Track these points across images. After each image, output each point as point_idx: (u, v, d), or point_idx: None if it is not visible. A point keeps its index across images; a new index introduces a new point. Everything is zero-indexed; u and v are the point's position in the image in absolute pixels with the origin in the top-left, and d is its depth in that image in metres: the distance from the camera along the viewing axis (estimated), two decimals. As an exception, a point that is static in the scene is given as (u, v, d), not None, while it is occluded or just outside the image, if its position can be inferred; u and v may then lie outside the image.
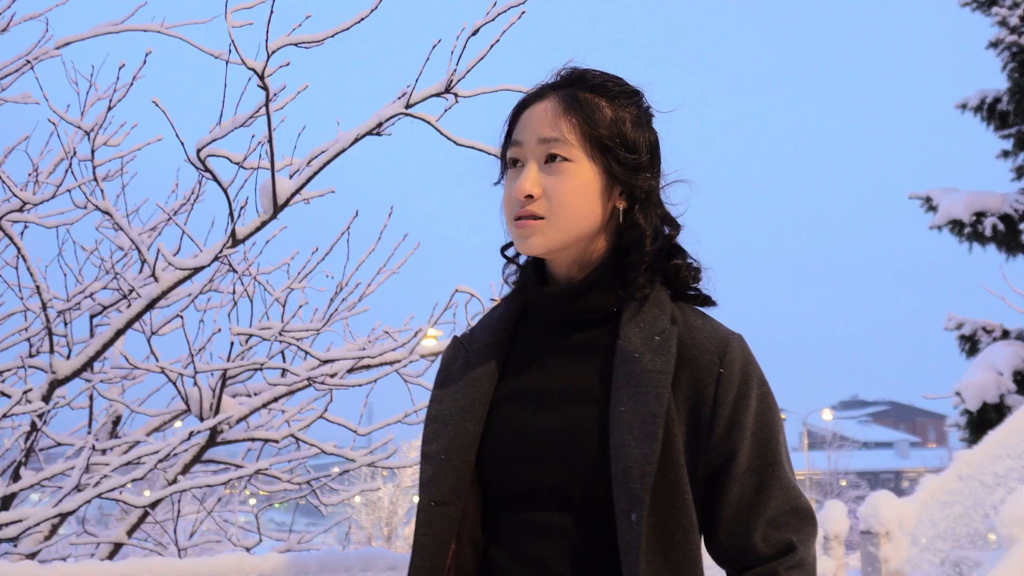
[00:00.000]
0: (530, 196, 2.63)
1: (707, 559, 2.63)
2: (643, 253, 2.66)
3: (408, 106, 5.38)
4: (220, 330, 6.27)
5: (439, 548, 2.62)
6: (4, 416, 5.10)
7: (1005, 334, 20.32)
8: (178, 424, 6.67)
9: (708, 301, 2.78)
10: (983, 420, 17.97)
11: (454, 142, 5.42)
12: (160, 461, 5.38)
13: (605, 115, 2.69)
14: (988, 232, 19.71)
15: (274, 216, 5.44)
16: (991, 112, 20.80)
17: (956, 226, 20.06)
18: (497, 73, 5.73)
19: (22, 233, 6.05)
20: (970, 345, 20.55)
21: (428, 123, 5.40)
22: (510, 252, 2.93)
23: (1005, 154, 21.06)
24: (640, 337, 2.57)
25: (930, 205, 20.64)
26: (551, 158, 2.65)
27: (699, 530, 2.55)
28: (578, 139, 2.65)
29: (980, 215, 19.82)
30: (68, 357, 5.79)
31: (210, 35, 5.48)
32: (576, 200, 2.63)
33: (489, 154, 2.90)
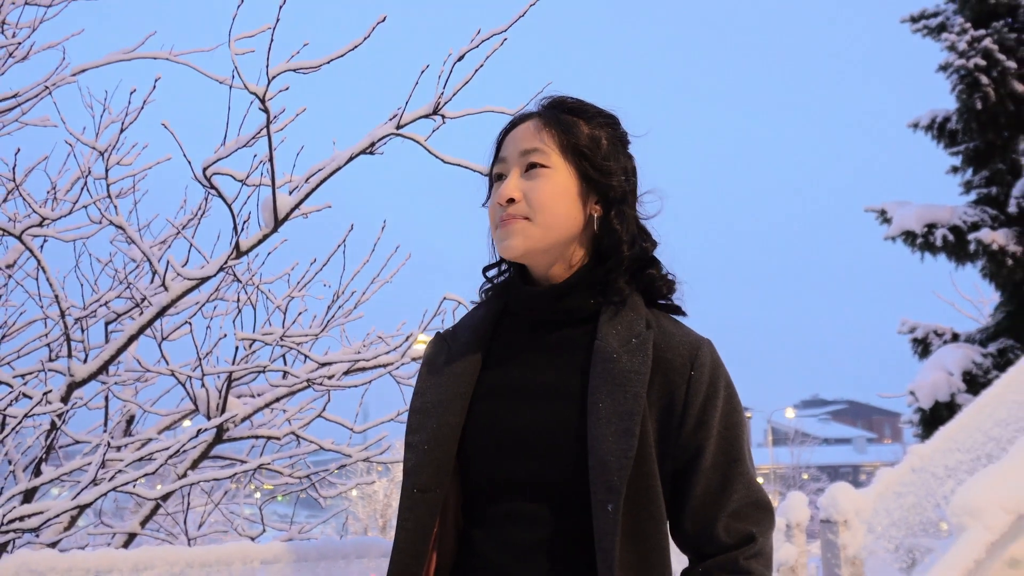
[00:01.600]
0: (511, 200, 2.66)
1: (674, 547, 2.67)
2: (621, 258, 2.68)
3: (399, 127, 5.39)
4: (226, 335, 6.31)
5: (421, 531, 2.64)
6: (26, 416, 5.10)
7: (955, 337, 20.43)
8: (187, 423, 6.68)
9: (679, 310, 2.80)
10: (935, 417, 18.02)
11: (442, 160, 5.43)
12: (171, 457, 5.38)
13: (582, 130, 2.73)
14: (939, 242, 19.76)
15: (275, 230, 5.46)
16: (941, 131, 20.89)
17: (909, 237, 20.11)
18: (481, 95, 5.74)
19: (42, 247, 6.05)
20: (922, 348, 20.63)
21: (417, 143, 5.42)
22: (491, 273, 2.96)
23: (954, 170, 21.16)
24: (618, 339, 2.59)
25: (884, 217, 20.71)
26: (531, 166, 2.68)
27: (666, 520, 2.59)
28: (556, 148, 2.68)
29: (931, 227, 19.87)
30: (85, 361, 5.80)
31: (215, 62, 5.51)
32: (554, 202, 2.65)
33: (474, 171, 2.93)
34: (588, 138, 2.73)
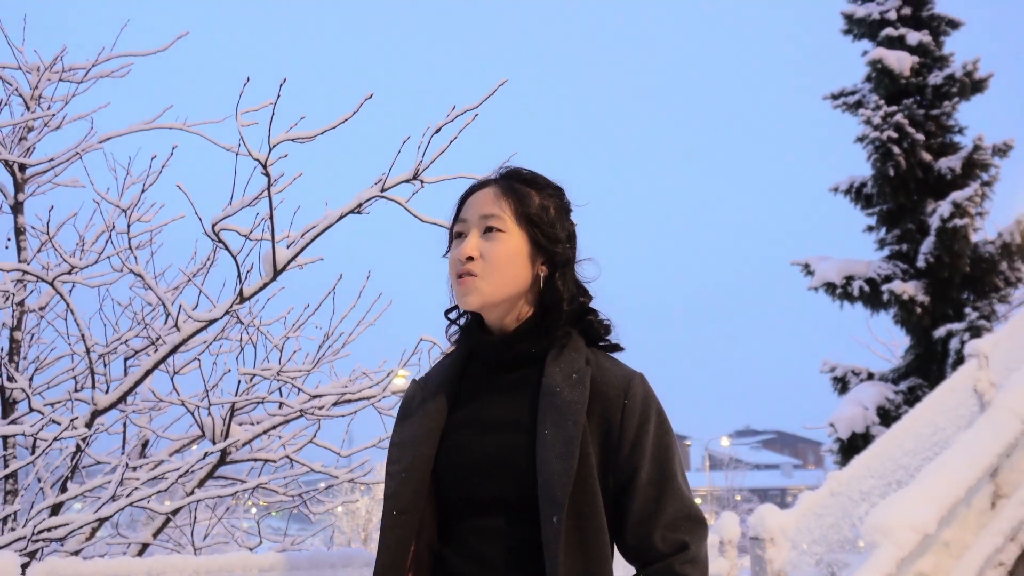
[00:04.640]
0: (470, 258, 2.73)
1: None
2: (560, 312, 2.75)
3: (383, 190, 5.43)
4: (229, 370, 6.33)
5: (400, 549, 2.69)
6: (55, 439, 5.15)
7: (870, 376, 20.48)
8: (195, 447, 6.70)
9: (617, 348, 2.87)
10: (852, 446, 18.04)
11: (420, 219, 5.47)
12: (180, 476, 5.42)
13: (534, 200, 2.80)
14: (856, 293, 19.85)
15: (274, 279, 5.50)
16: (858, 194, 20.99)
17: (830, 287, 20.19)
18: (455, 163, 5.80)
19: (71, 291, 6.11)
20: (841, 385, 20.68)
21: (399, 204, 5.46)
22: (453, 315, 3.00)
23: (870, 229, 21.21)
24: (560, 375, 2.66)
25: (808, 270, 20.75)
26: (489, 229, 2.75)
27: (610, 532, 2.64)
28: (511, 215, 2.75)
29: (849, 279, 19.97)
30: (107, 392, 5.83)
31: (223, 132, 5.54)
32: (506, 262, 2.72)
33: (448, 229, 2.99)
34: (539, 207, 2.80)
